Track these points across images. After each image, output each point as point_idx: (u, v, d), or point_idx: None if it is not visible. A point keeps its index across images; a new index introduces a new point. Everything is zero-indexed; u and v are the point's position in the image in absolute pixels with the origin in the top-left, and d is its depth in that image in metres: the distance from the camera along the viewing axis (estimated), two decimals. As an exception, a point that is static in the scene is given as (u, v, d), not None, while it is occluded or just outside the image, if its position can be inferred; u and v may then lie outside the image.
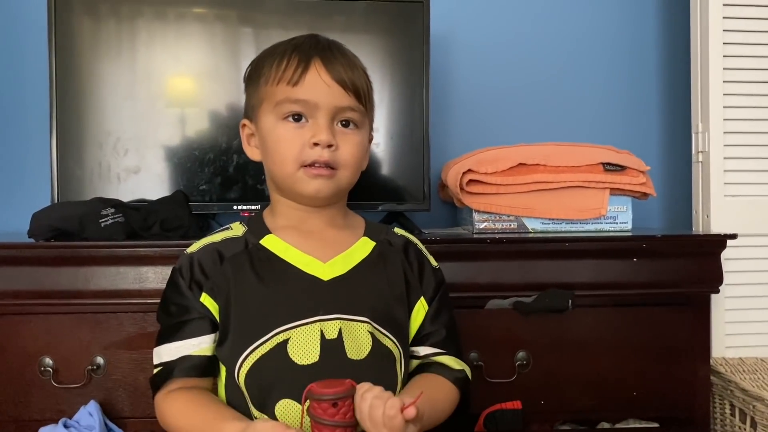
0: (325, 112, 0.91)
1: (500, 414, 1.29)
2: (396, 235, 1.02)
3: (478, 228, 1.45)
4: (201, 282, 0.92)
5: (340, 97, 0.91)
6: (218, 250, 0.94)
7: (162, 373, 0.92)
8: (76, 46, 1.47)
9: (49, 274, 1.24)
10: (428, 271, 1.00)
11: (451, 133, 1.77)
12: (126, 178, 1.48)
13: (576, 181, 1.43)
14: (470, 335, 1.30)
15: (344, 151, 0.92)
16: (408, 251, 1.00)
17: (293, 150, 0.91)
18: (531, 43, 1.81)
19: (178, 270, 0.94)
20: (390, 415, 0.77)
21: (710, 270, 1.35)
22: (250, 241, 0.95)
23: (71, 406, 1.24)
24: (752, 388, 1.34)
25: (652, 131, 1.85)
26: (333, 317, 0.90)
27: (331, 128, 0.91)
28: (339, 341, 0.89)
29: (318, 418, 0.78)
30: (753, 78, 1.61)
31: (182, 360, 0.90)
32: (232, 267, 0.92)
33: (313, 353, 0.87)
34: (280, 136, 0.92)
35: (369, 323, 0.91)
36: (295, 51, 0.93)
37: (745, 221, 1.58)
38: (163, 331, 0.94)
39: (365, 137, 0.97)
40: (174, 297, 0.93)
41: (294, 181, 0.92)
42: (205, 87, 1.52)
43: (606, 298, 1.34)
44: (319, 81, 0.91)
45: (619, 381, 1.33)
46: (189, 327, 0.91)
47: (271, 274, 0.92)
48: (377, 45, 1.55)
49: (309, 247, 0.94)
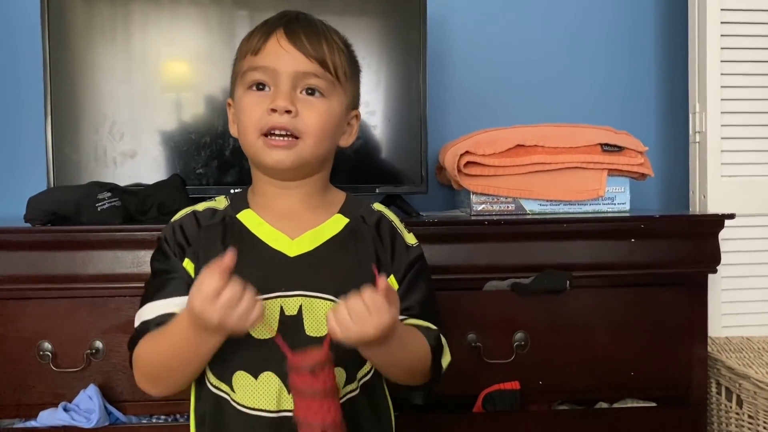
0: (286, 78, 0.90)
1: (498, 394, 1.29)
2: (372, 211, 1.00)
3: (475, 210, 1.45)
4: (183, 246, 0.92)
5: (300, 62, 0.90)
6: (197, 218, 0.95)
7: (139, 331, 0.90)
8: (70, 30, 1.45)
9: (46, 259, 1.23)
10: (401, 248, 0.97)
11: (449, 115, 1.76)
12: (122, 162, 1.47)
13: (574, 162, 1.42)
14: (468, 317, 1.30)
15: (306, 119, 0.90)
16: (380, 228, 0.97)
17: (253, 117, 0.90)
18: (529, 24, 1.80)
19: (163, 238, 0.94)
20: (368, 296, 0.77)
21: (708, 250, 1.35)
22: (228, 214, 0.95)
23: (71, 390, 1.24)
24: (738, 367, 1.35)
25: (649, 111, 1.84)
26: (294, 294, 0.89)
27: (292, 95, 0.90)
28: (298, 318, 0.88)
29: (298, 389, 0.77)
30: (751, 57, 1.61)
31: (162, 317, 0.88)
32: (205, 235, 0.93)
33: (271, 329, 0.87)
34: (244, 105, 0.92)
35: (332, 300, 0.90)
36: (264, 25, 0.94)
37: (742, 201, 1.58)
38: (147, 292, 0.93)
39: (335, 108, 0.94)
40: (159, 260, 0.94)
41: (256, 151, 0.92)
42: (200, 70, 1.51)
43: (604, 278, 1.34)
44: (277, 47, 0.91)
45: (616, 361, 1.33)
46: (171, 286, 0.90)
47: (240, 247, 0.88)
48: (374, 27, 1.54)
49: (281, 223, 0.94)
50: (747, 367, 1.35)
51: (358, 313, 0.78)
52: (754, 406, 1.31)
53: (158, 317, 0.88)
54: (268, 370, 0.87)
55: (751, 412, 1.32)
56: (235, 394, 0.88)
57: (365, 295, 0.78)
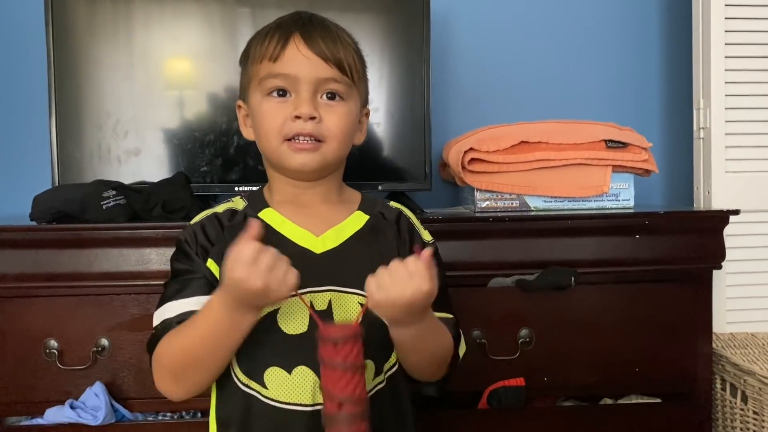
0: (307, 84, 0.91)
1: (503, 391, 1.30)
2: (390, 208, 1.03)
3: (480, 207, 1.45)
4: (207, 248, 0.93)
5: (320, 68, 0.91)
6: (219, 219, 0.95)
7: (159, 329, 0.89)
8: (73, 28, 1.46)
9: (52, 257, 1.24)
10: (419, 244, 1.00)
11: (452, 112, 1.76)
12: (126, 160, 1.47)
13: (578, 158, 1.42)
14: (473, 313, 1.31)
15: (329, 123, 0.92)
16: (400, 224, 1.01)
17: (276, 124, 0.91)
18: (532, 20, 1.79)
19: (183, 240, 0.94)
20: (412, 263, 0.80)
21: (712, 246, 1.35)
22: (249, 214, 0.96)
23: (77, 387, 1.25)
24: (743, 363, 1.35)
25: (653, 108, 1.84)
26: (323, 289, 0.91)
27: (314, 101, 0.91)
28: (328, 312, 0.90)
29: (323, 359, 0.78)
30: (754, 53, 1.61)
31: (183, 315, 0.88)
32: (230, 235, 0.92)
33: (302, 323, 0.88)
34: (264, 111, 0.93)
35: (360, 294, 0.91)
36: (278, 28, 0.94)
37: (746, 197, 1.58)
38: (167, 291, 0.92)
39: (353, 109, 0.96)
40: (181, 261, 0.93)
41: (279, 155, 0.93)
42: (203, 68, 1.51)
43: (608, 275, 1.34)
44: (298, 54, 0.91)
45: (621, 357, 1.34)
46: (193, 285, 0.90)
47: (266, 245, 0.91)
48: (377, 23, 1.54)
49: (304, 221, 0.95)
50: (752, 363, 1.35)
51: (399, 275, 0.80)
52: (759, 402, 1.31)
53: (179, 315, 0.88)
54: (302, 364, 0.87)
55: (756, 408, 1.32)
56: (268, 390, 0.88)
57: (408, 261, 0.80)
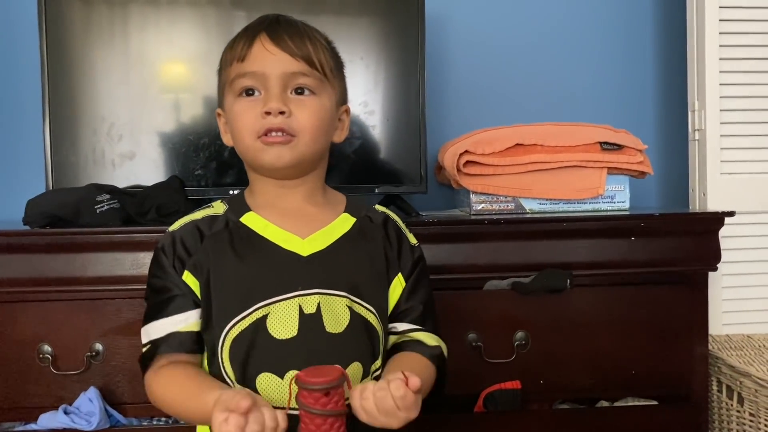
0: (275, 80, 0.91)
1: (500, 394, 1.29)
2: (376, 211, 1.03)
3: (475, 209, 1.45)
4: (184, 259, 0.93)
5: (287, 63, 0.92)
6: (198, 228, 0.94)
7: (150, 351, 0.93)
8: (68, 31, 1.45)
9: (46, 261, 1.23)
10: (406, 247, 1.01)
11: (448, 115, 1.76)
12: (121, 163, 1.47)
13: (573, 160, 1.42)
14: (469, 316, 1.30)
15: (300, 117, 0.92)
16: (387, 227, 1.01)
17: (248, 122, 0.92)
18: (527, 22, 1.79)
19: (161, 248, 0.94)
20: (400, 395, 0.78)
21: (708, 248, 1.35)
22: (230, 219, 0.95)
23: (71, 392, 1.24)
24: (739, 365, 1.35)
25: (648, 110, 1.84)
26: (312, 292, 0.91)
27: (284, 96, 0.91)
28: (317, 315, 0.90)
29: (309, 408, 0.75)
30: (749, 55, 1.61)
31: (169, 336, 0.91)
32: (212, 244, 0.93)
33: (292, 328, 0.89)
34: (236, 112, 0.93)
35: (347, 297, 0.92)
36: (245, 31, 0.95)
37: (741, 199, 1.58)
38: (150, 309, 0.95)
39: (326, 104, 0.95)
40: (158, 275, 0.94)
41: (254, 153, 0.93)
42: (198, 71, 1.51)
43: (604, 277, 1.34)
44: (264, 51, 0.92)
45: (617, 360, 1.34)
46: (174, 303, 0.92)
47: (251, 251, 0.92)
48: (372, 26, 1.54)
49: (288, 224, 0.95)
50: (748, 365, 1.35)
51: (386, 407, 0.78)
52: (755, 404, 1.31)
53: (165, 336, 0.92)
54: (293, 368, 0.87)
55: (752, 410, 1.32)
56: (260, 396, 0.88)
57: (397, 393, 0.78)
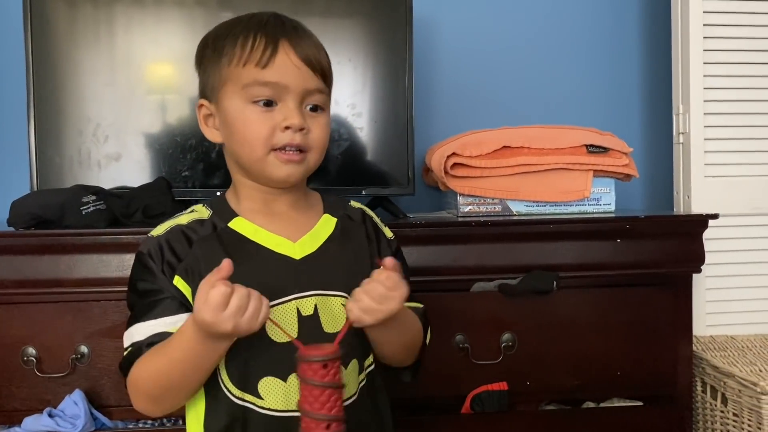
0: (295, 95, 0.90)
1: (486, 395, 1.30)
2: (353, 209, 1.03)
3: (462, 211, 1.45)
4: (173, 264, 0.90)
5: (308, 79, 0.91)
6: (185, 233, 0.92)
7: (132, 354, 0.88)
8: (53, 32, 1.44)
9: (31, 263, 1.22)
10: (384, 242, 1.03)
11: (435, 117, 1.76)
12: (107, 165, 1.46)
13: (560, 163, 1.43)
14: (456, 318, 1.31)
15: (314, 135, 0.92)
16: (366, 224, 1.02)
17: (262, 133, 0.89)
18: (513, 25, 1.80)
19: (146, 254, 0.91)
20: (384, 277, 0.84)
21: (692, 250, 1.36)
22: (217, 224, 0.93)
23: (56, 395, 1.23)
24: (723, 365, 1.36)
25: (634, 113, 1.86)
26: (308, 294, 0.91)
27: (301, 111, 0.91)
28: (315, 317, 0.90)
29: (308, 379, 0.79)
30: (733, 59, 1.63)
31: (155, 337, 0.87)
32: (202, 249, 0.90)
33: (291, 330, 0.88)
34: (248, 119, 0.90)
35: (343, 296, 0.92)
36: (261, 31, 0.91)
37: (726, 201, 1.60)
38: (135, 311, 0.91)
39: (329, 117, 0.97)
40: (146, 278, 0.90)
41: (264, 166, 0.91)
42: (185, 72, 1.49)
43: (590, 279, 1.35)
44: (288, 63, 0.89)
45: (603, 361, 1.34)
46: (163, 305, 0.89)
47: (244, 256, 0.90)
48: (359, 28, 1.54)
49: (277, 228, 0.94)
50: (731, 366, 1.37)
51: (380, 295, 0.84)
52: (738, 404, 1.32)
53: (150, 337, 0.87)
54: (294, 371, 0.86)
55: (736, 410, 1.33)
56: (264, 401, 0.88)
57: (381, 277, 0.84)
